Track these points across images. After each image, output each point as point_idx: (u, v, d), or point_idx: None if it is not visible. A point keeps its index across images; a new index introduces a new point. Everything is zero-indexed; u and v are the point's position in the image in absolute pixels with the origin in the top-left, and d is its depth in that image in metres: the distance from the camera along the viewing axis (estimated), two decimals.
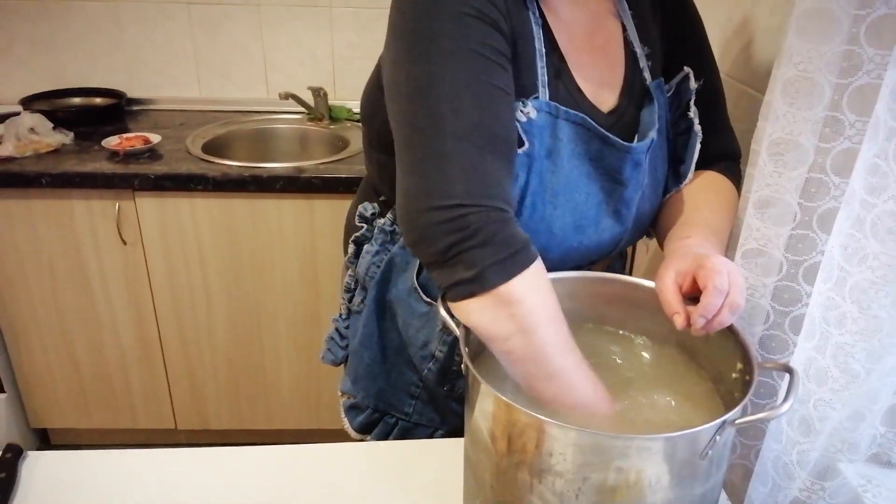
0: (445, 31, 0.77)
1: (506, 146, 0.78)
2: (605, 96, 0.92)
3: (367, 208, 1.04)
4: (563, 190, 0.87)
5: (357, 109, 2.17)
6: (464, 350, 0.72)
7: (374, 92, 0.92)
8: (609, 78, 0.93)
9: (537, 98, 0.84)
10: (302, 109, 2.12)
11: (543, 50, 0.85)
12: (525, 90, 0.84)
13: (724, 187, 0.98)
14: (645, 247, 1.59)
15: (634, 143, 0.89)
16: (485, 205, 0.73)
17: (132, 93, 2.16)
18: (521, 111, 0.83)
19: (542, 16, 0.87)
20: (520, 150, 0.82)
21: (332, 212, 1.74)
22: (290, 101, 2.06)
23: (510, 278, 0.72)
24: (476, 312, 0.73)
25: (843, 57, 0.70)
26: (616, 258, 1.05)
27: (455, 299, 0.74)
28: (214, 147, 1.91)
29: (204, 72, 2.18)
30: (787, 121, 0.77)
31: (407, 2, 0.81)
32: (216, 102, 2.20)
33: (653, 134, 0.91)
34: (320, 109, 2.10)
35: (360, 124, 2.15)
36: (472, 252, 0.72)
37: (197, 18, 2.11)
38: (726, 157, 1.01)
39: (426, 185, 0.75)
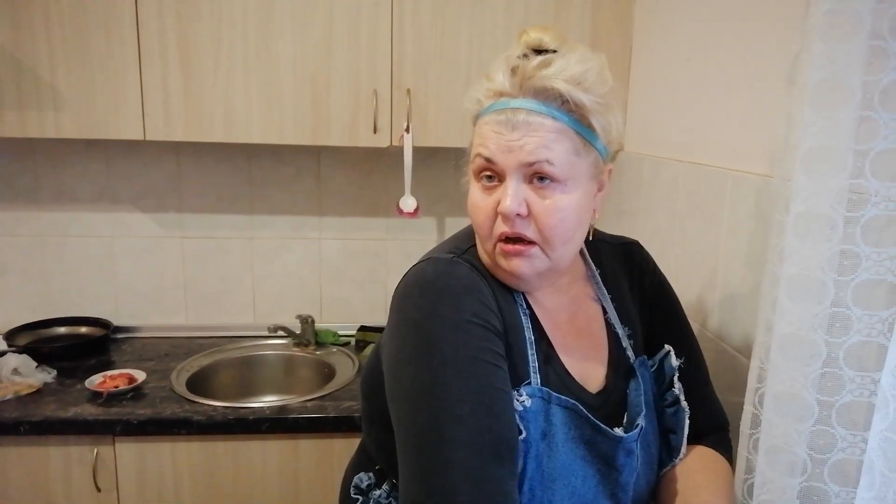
0: (446, 339, 0.80)
1: (507, 447, 0.79)
2: (592, 377, 0.95)
3: (363, 479, 1.02)
4: (560, 474, 0.86)
5: (342, 333, 2.20)
6: None
7: (375, 373, 0.94)
8: (594, 358, 0.97)
9: (529, 384, 0.86)
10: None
11: (533, 338, 0.89)
12: (519, 378, 0.86)
13: (720, 466, 0.99)
14: None
15: (624, 434, 0.91)
16: None
17: (118, 321, 2.17)
18: (518, 400, 0.84)
19: (528, 306, 0.92)
20: (519, 438, 0.83)
21: (317, 452, 1.70)
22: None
23: None
24: None
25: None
26: None
27: None
28: (199, 380, 1.89)
29: (192, 299, 2.22)
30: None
31: (409, 305, 0.84)
32: (203, 329, 2.21)
33: (641, 421, 0.93)
34: (307, 335, 2.12)
35: (344, 349, 2.17)
36: None
37: (190, 251, 2.18)
38: (716, 428, 1.03)
39: (431, 496, 0.75)
